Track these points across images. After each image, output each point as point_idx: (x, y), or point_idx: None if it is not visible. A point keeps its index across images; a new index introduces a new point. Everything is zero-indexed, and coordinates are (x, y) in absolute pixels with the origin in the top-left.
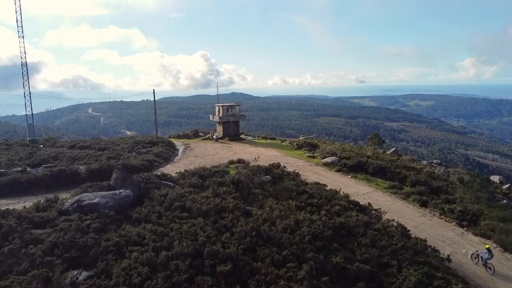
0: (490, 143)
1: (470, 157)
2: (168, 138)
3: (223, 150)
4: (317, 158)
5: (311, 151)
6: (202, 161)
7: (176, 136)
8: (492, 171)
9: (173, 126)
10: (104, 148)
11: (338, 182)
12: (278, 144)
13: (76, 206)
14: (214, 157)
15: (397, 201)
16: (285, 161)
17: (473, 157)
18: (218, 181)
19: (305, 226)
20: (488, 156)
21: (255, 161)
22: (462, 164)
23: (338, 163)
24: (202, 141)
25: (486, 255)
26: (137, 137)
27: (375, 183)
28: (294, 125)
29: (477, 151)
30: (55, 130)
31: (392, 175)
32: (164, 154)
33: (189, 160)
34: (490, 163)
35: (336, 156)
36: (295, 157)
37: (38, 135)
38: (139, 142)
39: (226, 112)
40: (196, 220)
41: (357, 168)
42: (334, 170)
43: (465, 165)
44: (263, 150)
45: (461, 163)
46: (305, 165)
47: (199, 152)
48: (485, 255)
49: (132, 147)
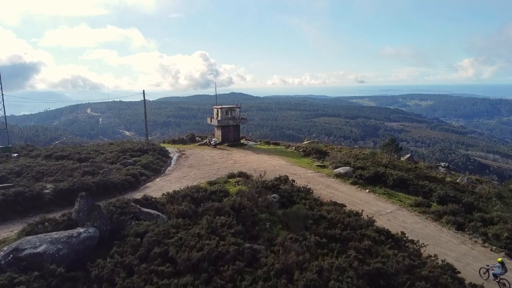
0: (490, 143)
1: (471, 158)
2: (160, 145)
3: (222, 159)
4: (328, 168)
5: (320, 159)
6: (197, 173)
7: (170, 141)
8: (493, 172)
9: (172, 127)
10: (84, 159)
11: (355, 198)
12: (283, 150)
13: (11, 259)
14: (211, 168)
15: (427, 223)
16: (292, 172)
17: (474, 157)
18: (215, 207)
19: (333, 280)
20: (489, 156)
21: (260, 178)
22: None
23: (353, 174)
24: (199, 147)
25: (499, 270)
26: (126, 143)
27: (397, 199)
28: (294, 125)
29: (477, 151)
30: (53, 131)
31: (415, 188)
32: (153, 165)
33: (182, 171)
34: (491, 163)
35: (350, 166)
36: (303, 166)
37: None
38: (127, 150)
39: (225, 115)
40: (182, 279)
41: (375, 180)
42: (349, 183)
43: (467, 166)
44: (267, 158)
45: (463, 163)
46: (315, 176)
47: (194, 161)
48: (498, 270)
49: (117, 156)
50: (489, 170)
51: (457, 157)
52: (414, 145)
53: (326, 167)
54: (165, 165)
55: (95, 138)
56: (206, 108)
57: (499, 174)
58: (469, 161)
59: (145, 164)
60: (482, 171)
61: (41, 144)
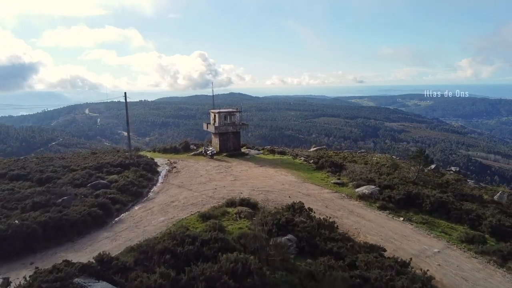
0: (491, 143)
1: (472, 158)
2: (149, 155)
3: (219, 174)
4: (349, 187)
5: (336, 173)
6: (188, 196)
7: (161, 149)
8: (495, 173)
9: (171, 127)
10: (46, 179)
11: (389, 231)
12: (290, 161)
13: None
14: (206, 187)
15: (491, 271)
16: (305, 191)
17: (475, 158)
18: (207, 275)
19: None
20: (490, 156)
21: (267, 213)
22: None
23: (380, 195)
24: (193, 157)
25: None
26: (106, 155)
27: (440, 230)
28: (293, 125)
29: (478, 151)
30: (50, 132)
31: (458, 214)
32: (134, 187)
33: (170, 193)
34: (492, 164)
35: (375, 183)
36: (317, 184)
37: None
38: (104, 165)
39: (223, 120)
40: None
41: (407, 203)
42: (377, 207)
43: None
44: (273, 172)
45: (464, 164)
46: (334, 198)
47: (186, 177)
48: None
49: (89, 175)
50: (491, 171)
51: (458, 158)
52: (415, 146)
53: (345, 184)
54: (149, 185)
55: (93, 139)
56: (205, 108)
57: (501, 174)
58: (470, 162)
59: (122, 185)
60: (484, 172)
61: (37, 145)
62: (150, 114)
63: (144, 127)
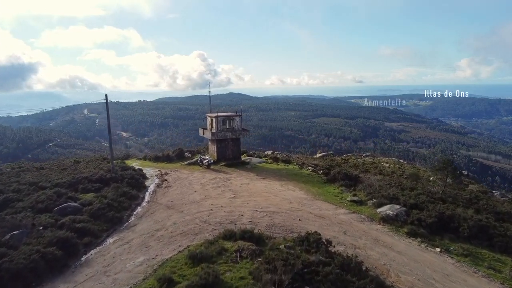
0: (491, 143)
1: (473, 159)
2: (137, 167)
3: (216, 189)
4: (368, 206)
5: (351, 187)
6: (178, 221)
7: (153, 157)
8: (496, 173)
9: (170, 127)
10: (3, 203)
11: (426, 268)
12: (296, 171)
13: None
14: (200, 208)
15: None
16: (318, 212)
17: (476, 158)
18: None
19: None
20: (490, 157)
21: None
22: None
23: (407, 217)
24: (187, 167)
25: None
26: (85, 167)
27: (487, 264)
28: (293, 125)
29: (479, 151)
30: (47, 133)
31: (504, 242)
32: (111, 212)
33: (155, 219)
34: (493, 164)
35: (399, 202)
36: (331, 201)
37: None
38: (80, 181)
39: (221, 125)
40: None
41: (440, 227)
42: (405, 233)
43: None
44: (278, 187)
45: (465, 165)
46: (353, 221)
47: (178, 193)
48: None
49: (57, 195)
50: (492, 172)
51: (459, 158)
52: (415, 146)
53: (363, 203)
54: (133, 205)
55: (91, 139)
56: (204, 109)
57: (502, 175)
58: (471, 162)
59: (97, 210)
60: (485, 173)
61: (34, 146)
62: (149, 114)
63: (143, 128)
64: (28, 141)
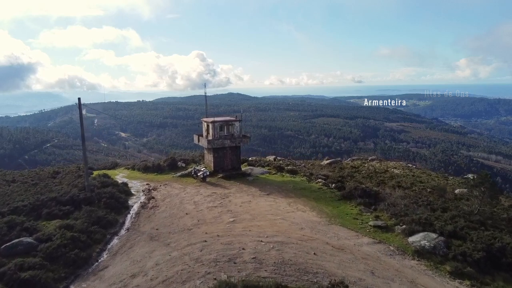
0: (491, 143)
1: (473, 159)
2: (120, 181)
3: (212, 210)
4: (396, 234)
5: (371, 206)
6: (161, 261)
7: (142, 167)
8: (496, 173)
9: (169, 128)
10: None
11: None
12: (305, 185)
13: None
14: (191, 239)
15: None
16: (336, 243)
17: (477, 159)
18: None
19: None
20: (491, 157)
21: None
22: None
23: (448, 250)
24: (180, 179)
25: None
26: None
27: None
28: (293, 126)
29: (479, 152)
30: (45, 133)
31: None
32: (74, 251)
33: (133, 258)
34: (494, 164)
35: (434, 228)
36: (350, 226)
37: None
38: (46, 203)
39: (219, 131)
40: None
41: (487, 263)
42: (448, 273)
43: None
44: (286, 206)
45: (466, 165)
46: (380, 255)
47: (164, 218)
48: None
49: (10, 227)
50: (493, 172)
51: (459, 159)
52: (415, 146)
53: (389, 228)
54: (107, 236)
55: (89, 140)
56: (203, 108)
57: (503, 176)
58: (472, 163)
59: (57, 247)
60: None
61: (31, 147)
62: (148, 114)
63: (142, 128)
64: (25, 142)
